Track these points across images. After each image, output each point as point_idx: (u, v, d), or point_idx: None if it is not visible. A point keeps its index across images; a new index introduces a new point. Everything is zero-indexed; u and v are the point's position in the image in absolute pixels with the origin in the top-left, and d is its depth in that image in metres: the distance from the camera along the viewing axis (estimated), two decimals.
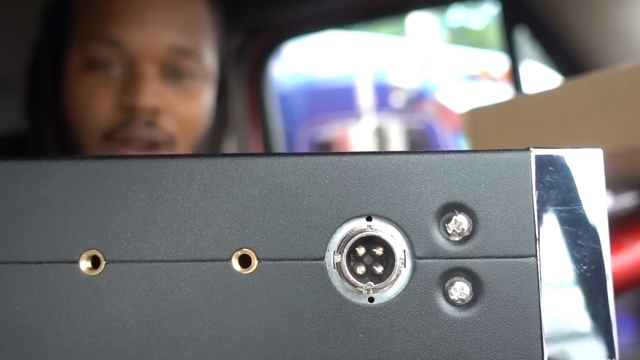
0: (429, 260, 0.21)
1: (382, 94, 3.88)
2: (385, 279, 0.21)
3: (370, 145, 3.75)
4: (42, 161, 0.22)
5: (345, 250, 0.21)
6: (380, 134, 3.82)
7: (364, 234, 0.21)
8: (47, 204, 0.22)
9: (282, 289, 0.21)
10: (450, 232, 0.21)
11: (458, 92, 4.02)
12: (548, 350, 0.21)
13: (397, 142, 3.80)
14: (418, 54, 4.18)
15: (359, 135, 3.70)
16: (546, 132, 0.38)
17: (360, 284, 0.21)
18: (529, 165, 0.21)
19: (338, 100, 4.09)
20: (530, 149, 0.21)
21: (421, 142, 3.88)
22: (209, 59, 0.67)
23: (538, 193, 0.21)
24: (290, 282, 0.21)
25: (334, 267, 0.21)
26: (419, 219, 0.21)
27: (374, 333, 0.21)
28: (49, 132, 0.65)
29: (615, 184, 0.55)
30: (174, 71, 0.63)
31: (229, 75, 0.75)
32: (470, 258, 0.21)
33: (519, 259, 0.21)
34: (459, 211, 0.21)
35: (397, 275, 0.21)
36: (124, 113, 0.62)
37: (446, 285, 0.21)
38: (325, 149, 4.08)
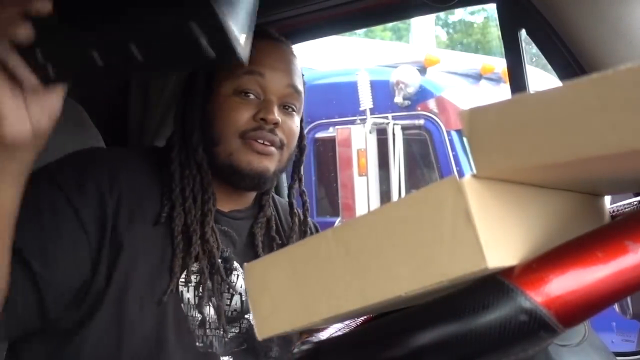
0: None
1: (384, 92, 3.87)
2: None
3: (372, 144, 3.74)
4: None
5: None
6: (382, 132, 3.81)
7: None
8: None
9: None
10: None
11: (461, 91, 4.01)
12: None
13: (399, 140, 3.79)
14: (421, 53, 4.17)
15: (360, 134, 3.69)
16: (546, 132, 0.38)
17: None
18: None
19: (340, 98, 4.09)
20: None
21: (423, 141, 3.88)
22: (301, 100, 1.03)
23: None
24: None
25: None
26: None
27: None
28: (196, 134, 0.97)
29: (616, 185, 0.55)
30: (285, 103, 1.00)
31: (302, 121, 1.09)
32: None
33: None
34: None
35: None
36: (256, 122, 0.95)
37: None
38: (326, 147, 4.08)
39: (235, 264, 1.00)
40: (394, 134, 3.77)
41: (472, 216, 0.40)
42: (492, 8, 1.14)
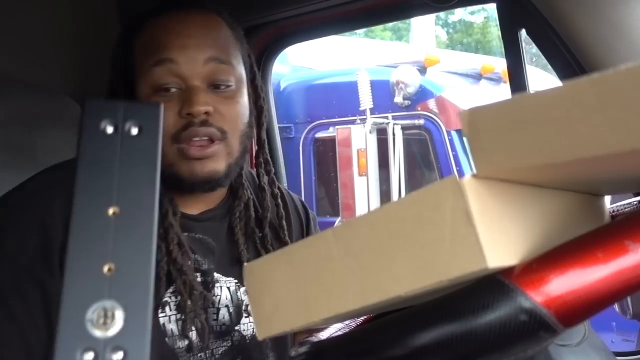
0: None
1: (384, 92, 3.87)
2: None
3: (372, 144, 3.74)
4: None
5: None
6: (382, 132, 3.81)
7: None
8: None
9: None
10: None
11: (461, 91, 4.01)
12: None
13: (399, 140, 3.79)
14: (421, 53, 4.17)
15: (360, 133, 3.69)
16: (546, 132, 0.38)
17: None
18: None
19: (340, 98, 4.09)
20: None
21: (423, 141, 3.88)
22: (238, 68, 0.87)
23: None
24: None
25: None
26: None
27: None
28: None
29: (616, 185, 0.55)
30: (215, 82, 0.84)
31: (256, 77, 0.94)
32: None
33: None
34: None
35: None
36: (184, 119, 0.82)
37: None
38: (326, 147, 4.08)
39: (217, 276, 0.91)
40: (394, 134, 3.77)
41: (472, 216, 0.40)
42: (492, 8, 1.14)
